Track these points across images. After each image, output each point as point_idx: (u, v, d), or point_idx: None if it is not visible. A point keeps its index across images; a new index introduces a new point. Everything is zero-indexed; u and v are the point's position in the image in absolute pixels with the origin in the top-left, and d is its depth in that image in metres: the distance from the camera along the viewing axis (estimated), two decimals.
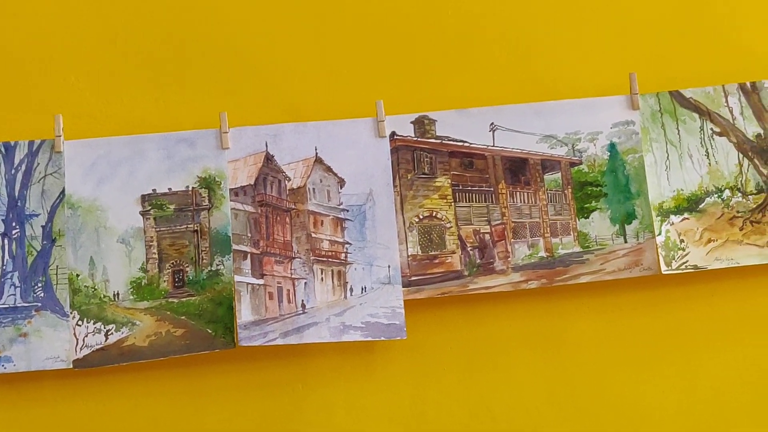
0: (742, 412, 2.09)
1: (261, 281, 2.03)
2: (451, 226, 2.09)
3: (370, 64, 2.14)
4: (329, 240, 2.06)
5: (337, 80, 2.13)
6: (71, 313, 1.98)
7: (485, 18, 2.17)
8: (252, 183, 2.05)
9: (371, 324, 2.03)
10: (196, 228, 2.04)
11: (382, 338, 2.03)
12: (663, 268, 2.07)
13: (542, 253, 2.09)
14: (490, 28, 2.17)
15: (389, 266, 2.06)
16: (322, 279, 2.05)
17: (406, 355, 2.08)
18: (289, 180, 2.07)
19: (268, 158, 2.06)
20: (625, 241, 2.09)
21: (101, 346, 1.98)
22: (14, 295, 1.97)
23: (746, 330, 2.11)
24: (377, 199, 2.07)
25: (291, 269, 2.05)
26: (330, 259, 2.05)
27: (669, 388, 2.10)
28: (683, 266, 2.08)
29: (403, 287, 2.05)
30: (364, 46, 2.15)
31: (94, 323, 1.98)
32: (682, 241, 2.09)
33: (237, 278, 2.01)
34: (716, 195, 2.11)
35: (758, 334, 2.11)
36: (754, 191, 2.12)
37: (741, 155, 2.12)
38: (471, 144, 2.10)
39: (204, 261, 2.02)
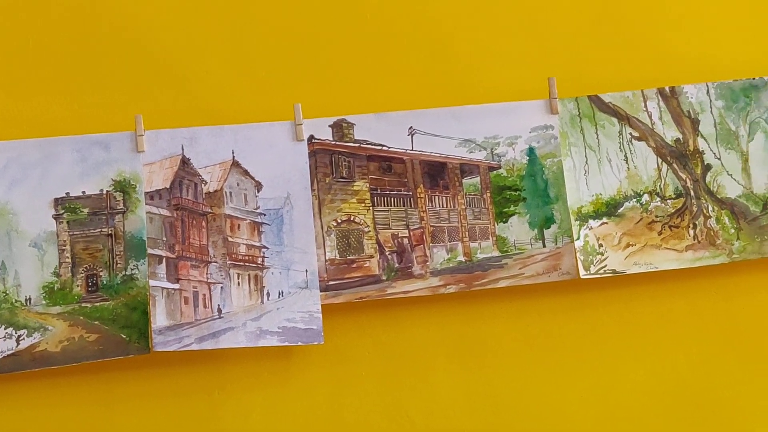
0: (658, 415, 2.26)
1: (176, 286, 2.16)
2: (370, 231, 2.24)
3: (287, 67, 2.28)
4: (246, 244, 2.20)
5: (255, 83, 2.27)
6: None
7: (404, 21, 2.31)
8: (168, 186, 2.19)
9: (288, 329, 2.17)
10: (110, 232, 2.17)
11: (300, 343, 2.17)
12: (581, 272, 2.23)
13: (461, 258, 2.25)
14: (409, 32, 2.31)
15: (307, 271, 2.20)
16: (238, 283, 2.19)
17: (324, 360, 2.22)
18: (206, 183, 2.21)
19: (184, 161, 2.20)
20: (544, 246, 2.25)
21: (12, 351, 2.11)
22: None
23: (663, 334, 2.28)
24: (295, 203, 2.21)
25: (207, 274, 2.19)
26: (247, 264, 2.20)
27: (587, 392, 2.26)
28: (602, 271, 2.24)
29: (320, 292, 2.19)
30: (282, 48, 2.29)
31: (5, 329, 2.11)
32: (600, 245, 2.25)
33: (152, 283, 2.15)
34: (635, 199, 2.27)
35: (675, 339, 2.28)
36: (673, 196, 2.29)
37: (660, 160, 2.29)
38: (390, 148, 2.25)
39: (118, 265, 2.16)
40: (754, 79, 2.30)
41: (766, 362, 2.27)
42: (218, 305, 2.15)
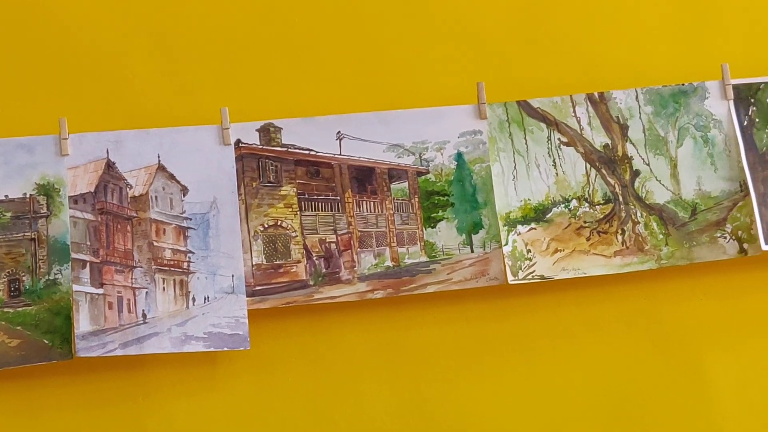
0: (586, 420, 2.39)
1: (100, 291, 2.28)
2: (297, 235, 2.36)
3: (214, 70, 2.39)
4: (171, 249, 2.33)
5: (181, 86, 2.39)
6: None
7: (332, 25, 2.44)
8: (92, 190, 2.31)
9: (214, 334, 2.29)
10: (33, 236, 2.29)
11: (225, 349, 2.29)
12: (509, 278, 2.36)
13: (388, 263, 2.38)
14: (338, 36, 2.44)
15: (233, 276, 2.32)
16: (163, 288, 2.31)
17: (250, 366, 2.34)
18: (131, 188, 2.33)
19: (109, 165, 2.32)
20: (472, 251, 2.38)
21: None
22: None
23: (591, 340, 2.41)
24: (221, 207, 2.33)
25: (132, 278, 2.31)
26: (172, 269, 2.32)
27: (514, 397, 2.38)
28: (530, 276, 2.38)
29: (247, 297, 2.31)
30: (209, 51, 2.40)
31: None
32: (528, 251, 2.39)
33: (75, 288, 2.27)
34: (563, 205, 2.41)
35: (603, 344, 2.41)
36: (602, 201, 2.43)
37: (588, 165, 2.44)
38: (317, 152, 2.38)
39: (41, 270, 2.27)
40: (683, 84, 2.44)
41: (692, 368, 2.40)
42: (143, 310, 2.26)
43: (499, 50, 2.43)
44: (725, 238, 2.38)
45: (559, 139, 2.38)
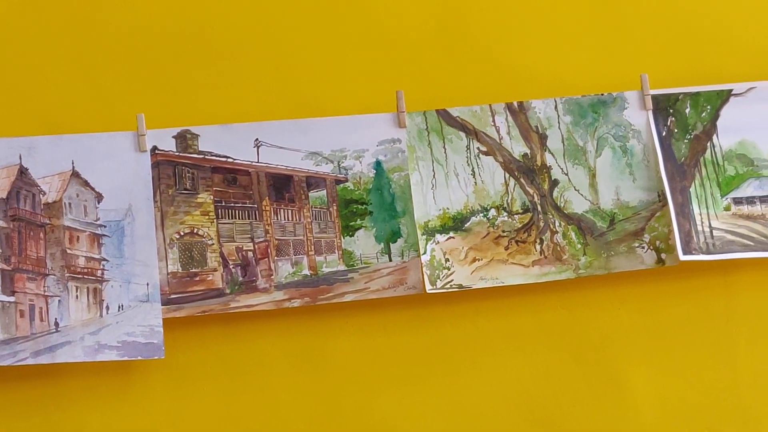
0: (504, 429, 2.58)
1: (12, 299, 2.42)
2: (213, 243, 2.52)
3: (130, 76, 2.52)
4: (85, 256, 2.47)
5: (97, 92, 2.51)
6: None
7: (251, 31, 2.58)
8: (4, 197, 2.44)
9: (128, 343, 2.43)
10: None
11: (140, 357, 2.43)
12: (428, 287, 2.53)
13: (306, 271, 2.54)
14: (256, 42, 2.57)
15: (148, 284, 2.47)
16: (77, 297, 2.45)
17: (165, 376, 2.47)
18: (44, 194, 2.46)
19: (22, 171, 2.46)
20: (390, 260, 2.55)
21: None
22: None
23: (510, 349, 2.58)
24: (137, 214, 2.48)
25: (44, 286, 2.45)
26: (86, 276, 2.46)
27: (433, 407, 2.54)
28: (448, 285, 2.55)
29: (162, 305, 2.44)
30: (125, 57, 2.53)
31: None
32: (447, 260, 2.57)
33: None
34: (482, 214, 2.59)
35: (521, 353, 2.58)
36: (520, 211, 2.61)
37: (507, 175, 2.62)
38: (235, 160, 2.53)
39: None
40: (602, 95, 2.62)
41: (610, 377, 2.58)
42: (55, 319, 2.40)
43: (418, 59, 2.59)
44: (643, 248, 2.56)
45: (478, 148, 2.55)
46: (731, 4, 2.71)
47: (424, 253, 2.48)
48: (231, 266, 2.43)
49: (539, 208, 2.53)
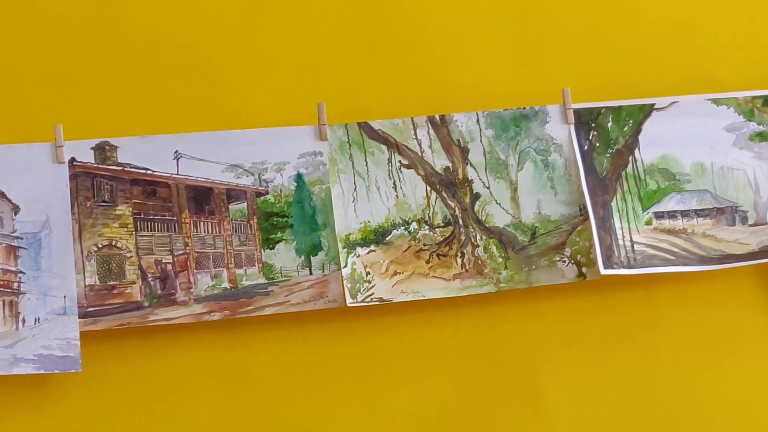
0: None
1: None
2: (132, 256, 2.64)
3: (48, 86, 2.61)
4: (1, 269, 2.58)
5: (13, 102, 2.58)
6: None
7: (169, 42, 2.67)
8: None
9: (44, 356, 2.54)
10: None
11: (56, 371, 2.54)
12: (348, 300, 2.67)
13: (226, 285, 2.67)
14: (175, 53, 2.68)
15: (65, 296, 2.58)
16: None
17: (82, 389, 2.57)
18: None
19: None
20: (311, 273, 2.68)
21: None
22: None
23: (430, 363, 2.71)
24: (54, 227, 2.59)
25: None
26: (1, 289, 2.57)
27: (354, 421, 2.65)
28: (369, 299, 2.69)
29: (79, 318, 2.55)
30: (42, 67, 2.61)
31: None
32: (368, 273, 2.71)
33: None
34: (403, 227, 2.74)
35: (442, 367, 2.71)
36: (442, 224, 2.76)
37: (429, 188, 2.76)
38: (154, 172, 2.66)
39: None
40: (524, 108, 2.78)
41: (531, 391, 2.73)
42: None
43: (340, 71, 2.72)
44: (564, 261, 2.72)
45: (399, 161, 2.70)
46: (653, 18, 2.86)
47: (345, 266, 2.60)
48: (150, 279, 2.55)
49: (460, 221, 2.67)
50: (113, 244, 2.54)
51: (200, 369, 2.61)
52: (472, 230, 2.66)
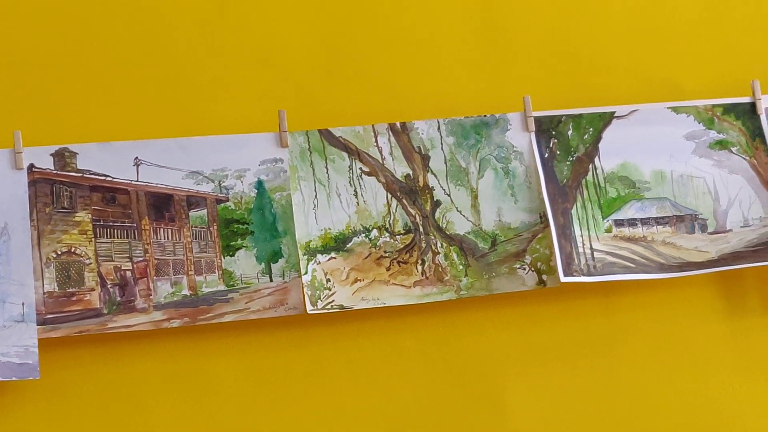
0: None
1: None
2: (91, 263, 2.70)
3: (6, 92, 2.66)
4: None
5: None
6: None
7: (132, 48, 2.74)
8: None
9: (2, 363, 2.57)
10: None
11: (14, 378, 2.58)
12: (308, 307, 2.73)
13: (185, 291, 2.73)
14: (136, 59, 2.74)
15: (23, 303, 2.63)
16: None
17: (40, 397, 2.61)
18: None
19: None
20: (271, 280, 2.76)
21: None
22: None
23: (391, 370, 2.77)
24: (12, 233, 2.65)
25: None
26: None
27: (314, 428, 2.75)
28: (329, 306, 2.77)
29: (37, 325, 2.61)
30: (1, 73, 2.67)
31: None
32: (328, 280, 2.78)
33: None
34: (364, 235, 2.81)
35: (402, 375, 2.77)
36: (402, 231, 2.84)
37: (390, 195, 2.84)
38: (114, 178, 2.72)
39: None
40: (485, 116, 2.86)
41: (491, 398, 2.80)
42: None
43: (301, 78, 2.79)
44: (524, 269, 2.80)
45: (360, 168, 2.77)
46: (613, 27, 2.95)
47: (305, 273, 2.67)
48: (109, 286, 2.61)
49: (421, 228, 2.75)
50: (72, 250, 2.59)
51: (160, 376, 2.66)
52: (433, 237, 2.73)
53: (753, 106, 2.95)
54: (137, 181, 2.65)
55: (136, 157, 2.63)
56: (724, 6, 3.03)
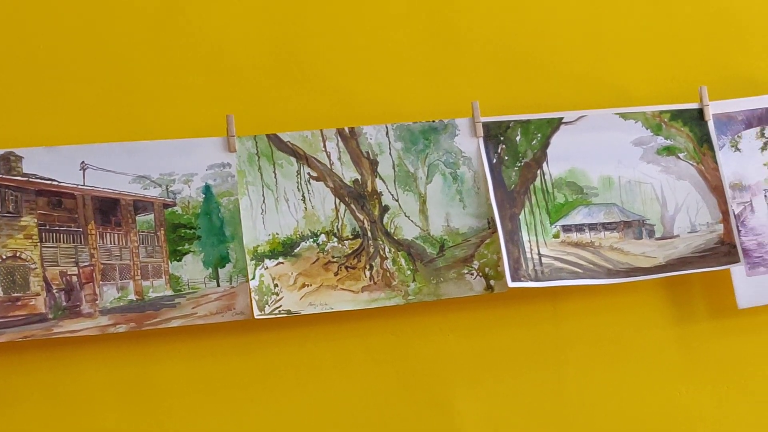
0: None
1: None
2: (36, 267, 2.77)
3: None
4: None
5: None
6: None
7: (77, 51, 2.79)
8: None
9: None
10: None
11: None
12: (256, 312, 2.81)
13: (132, 296, 2.81)
14: (82, 62, 2.80)
15: None
16: None
17: None
18: None
19: None
20: (218, 285, 2.84)
21: None
22: None
23: (338, 375, 2.84)
24: None
25: None
26: None
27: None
28: (276, 311, 2.85)
29: None
30: None
31: None
32: (276, 285, 2.87)
33: None
34: (312, 240, 2.90)
35: (349, 380, 2.83)
36: (350, 236, 2.93)
37: (338, 200, 2.93)
38: (60, 183, 2.78)
39: None
40: (433, 121, 2.96)
41: (439, 403, 2.87)
42: None
43: (249, 83, 2.86)
44: (472, 274, 2.90)
45: (308, 173, 2.86)
46: (561, 33, 3.05)
47: (253, 278, 2.75)
48: (54, 291, 2.68)
49: (369, 234, 2.84)
50: (17, 255, 2.66)
51: (106, 382, 2.73)
52: (381, 243, 2.82)
53: (701, 112, 3.02)
54: (83, 185, 2.71)
55: (83, 162, 2.70)
56: (672, 13, 3.13)
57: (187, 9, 2.84)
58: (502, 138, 2.90)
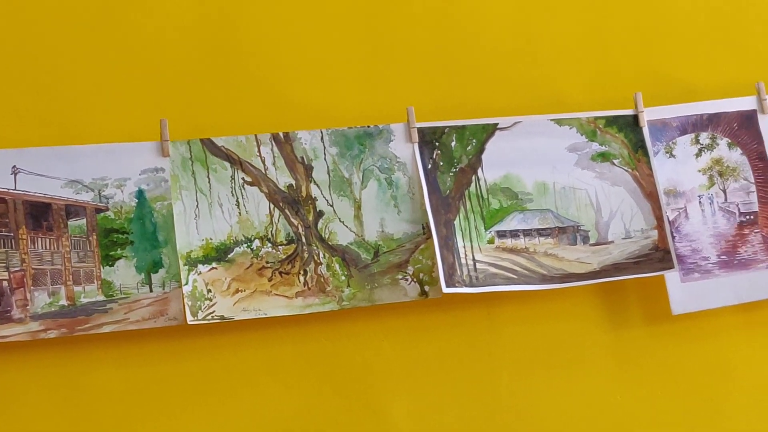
0: None
1: None
2: None
3: None
4: None
5: None
6: None
7: (7, 54, 2.86)
8: None
9: None
10: None
11: None
12: (189, 318, 2.90)
13: (63, 302, 2.88)
14: (13, 65, 2.86)
15: None
16: None
17: None
18: None
19: None
20: (151, 290, 2.92)
21: None
22: None
23: (271, 381, 2.92)
24: None
25: None
26: None
27: None
28: (210, 317, 2.94)
29: None
30: None
31: None
32: (209, 290, 2.96)
33: None
34: (246, 245, 2.99)
35: (283, 386, 2.91)
36: (285, 242, 3.02)
37: (272, 205, 3.03)
38: None
39: None
40: (368, 127, 3.05)
41: (372, 409, 2.95)
42: None
43: (183, 87, 2.93)
44: (407, 280, 3.00)
45: (243, 178, 2.95)
46: (496, 38, 3.15)
47: (186, 283, 2.83)
48: None
49: (304, 239, 2.93)
50: None
51: (36, 388, 2.79)
52: (315, 248, 2.92)
53: (635, 118, 3.14)
54: (15, 189, 2.78)
55: (14, 166, 2.77)
56: (605, 19, 3.23)
57: (120, 11, 2.90)
58: (437, 143, 2.98)
